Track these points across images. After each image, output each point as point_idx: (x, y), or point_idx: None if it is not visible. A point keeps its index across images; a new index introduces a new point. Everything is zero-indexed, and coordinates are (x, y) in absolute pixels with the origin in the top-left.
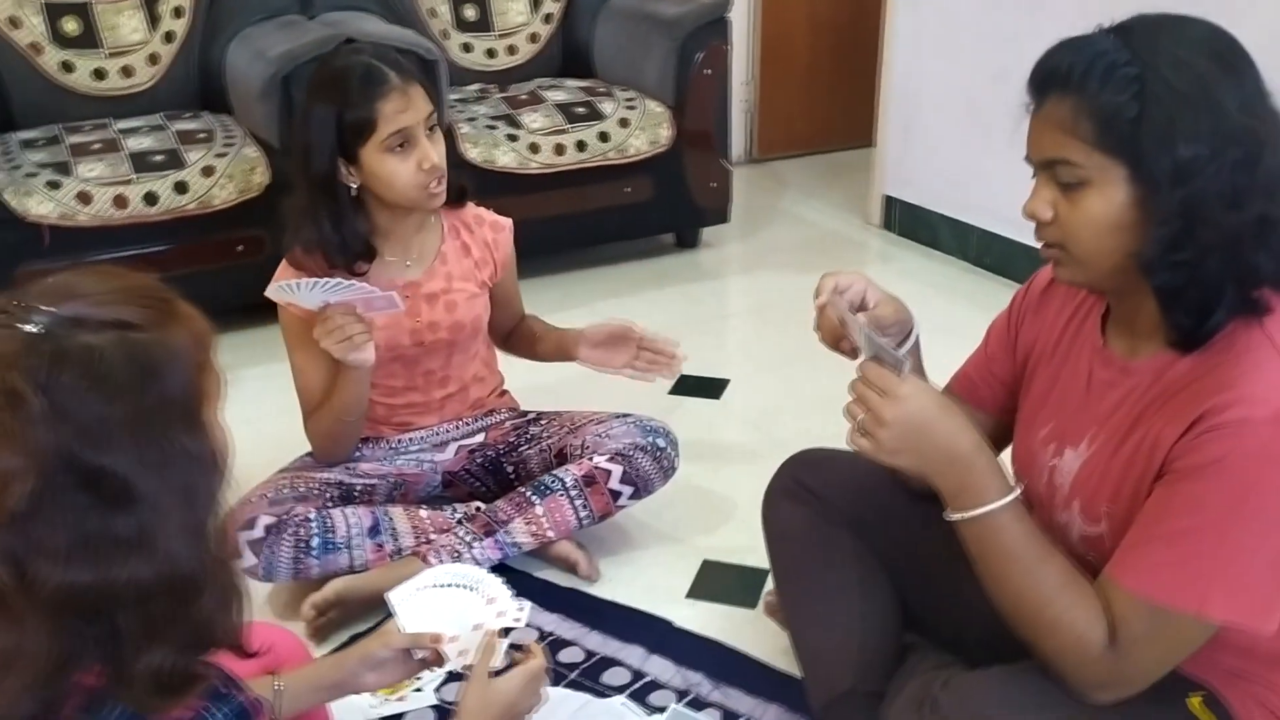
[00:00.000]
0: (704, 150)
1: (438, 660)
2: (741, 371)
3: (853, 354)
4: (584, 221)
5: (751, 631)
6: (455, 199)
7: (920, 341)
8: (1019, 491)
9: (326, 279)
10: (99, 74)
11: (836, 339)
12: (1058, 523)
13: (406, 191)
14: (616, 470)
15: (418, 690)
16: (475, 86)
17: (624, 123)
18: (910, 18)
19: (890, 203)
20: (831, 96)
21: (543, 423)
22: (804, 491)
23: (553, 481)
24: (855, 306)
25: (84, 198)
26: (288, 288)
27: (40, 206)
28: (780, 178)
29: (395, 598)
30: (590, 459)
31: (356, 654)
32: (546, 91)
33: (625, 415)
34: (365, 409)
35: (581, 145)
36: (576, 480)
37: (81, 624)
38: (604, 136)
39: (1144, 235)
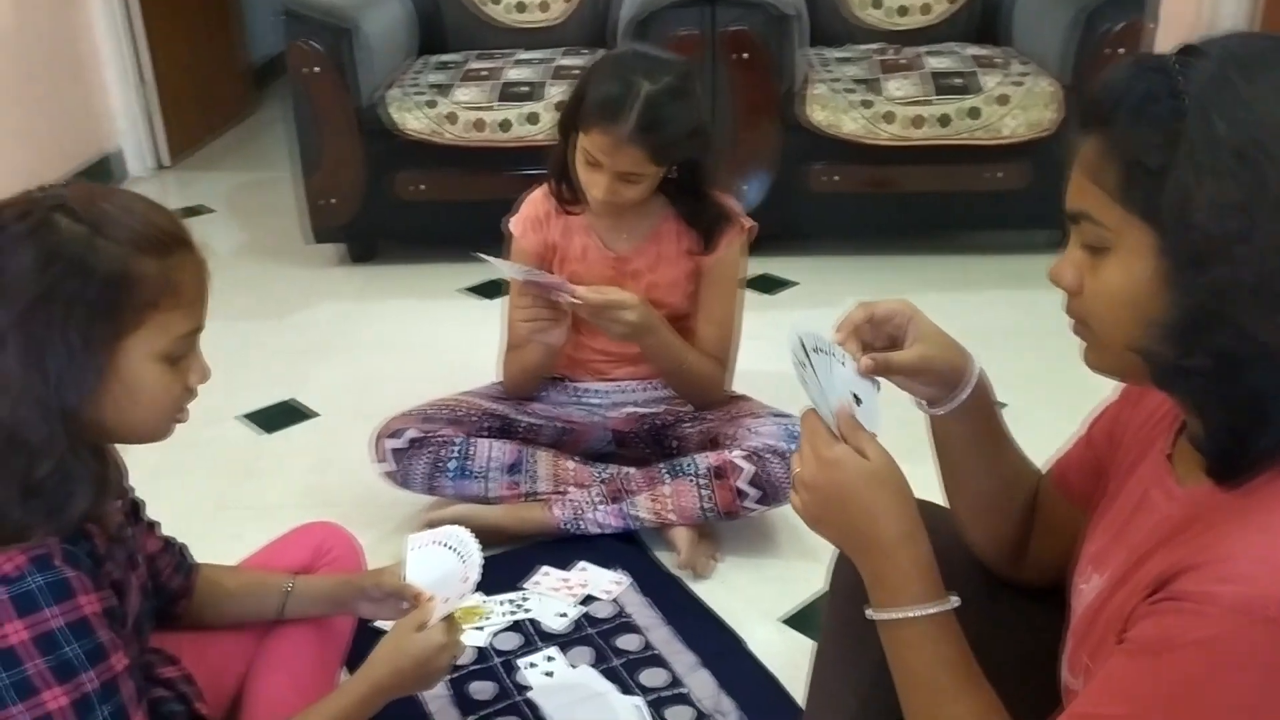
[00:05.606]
0: None
1: None
2: (1023, 402)
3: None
4: (937, 204)
5: None
6: (695, 185)
7: (988, 392)
8: (946, 607)
9: (523, 265)
10: (520, 7)
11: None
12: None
13: (584, 189)
14: (748, 469)
15: (478, 629)
16: (875, 45)
17: (1003, 100)
18: None
19: None
20: None
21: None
22: None
23: (688, 465)
24: (893, 342)
25: (451, 118)
26: (493, 261)
27: (415, 122)
28: None
29: (411, 543)
30: (730, 451)
31: (357, 583)
32: (930, 57)
33: (783, 416)
34: (549, 371)
35: (944, 120)
36: (709, 469)
37: None
38: (974, 113)
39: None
